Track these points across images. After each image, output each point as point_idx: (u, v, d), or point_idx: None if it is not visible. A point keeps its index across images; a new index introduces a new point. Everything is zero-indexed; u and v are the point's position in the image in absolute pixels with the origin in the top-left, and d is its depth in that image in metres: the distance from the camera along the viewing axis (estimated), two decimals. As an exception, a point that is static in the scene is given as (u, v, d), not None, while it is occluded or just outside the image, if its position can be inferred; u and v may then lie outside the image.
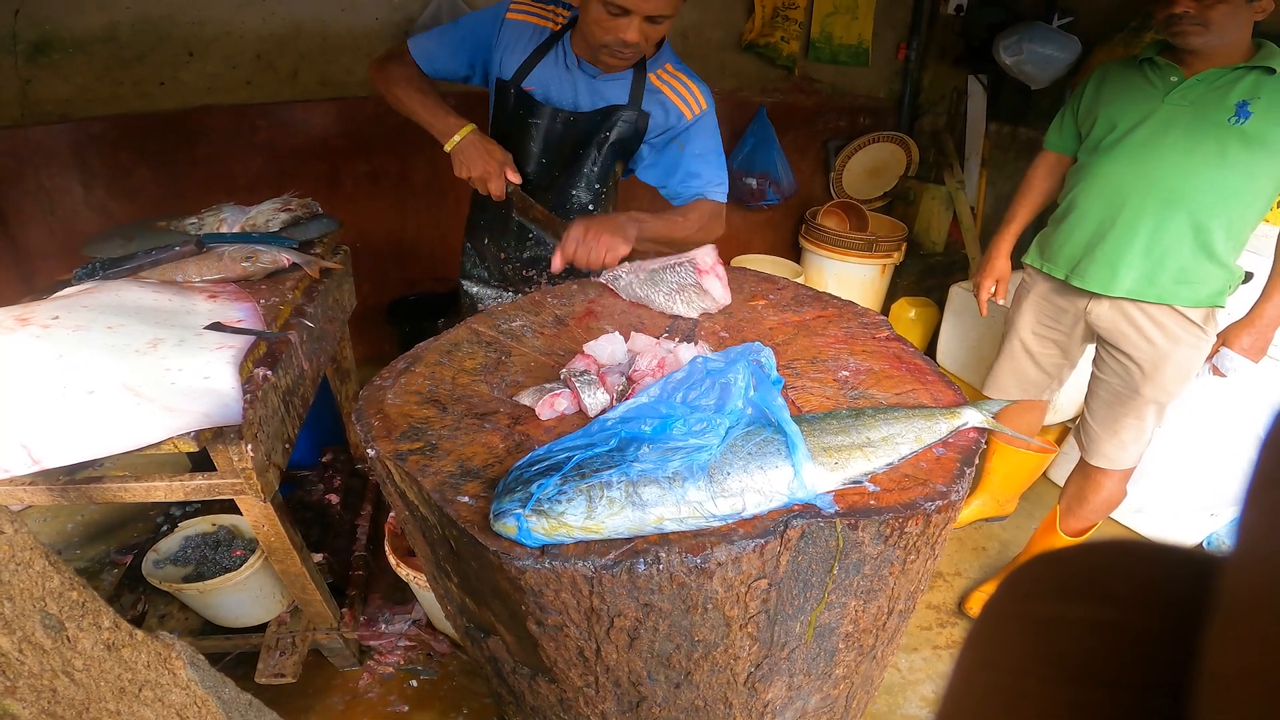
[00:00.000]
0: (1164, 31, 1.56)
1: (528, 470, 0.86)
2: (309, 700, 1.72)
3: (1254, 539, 0.17)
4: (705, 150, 1.65)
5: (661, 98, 1.60)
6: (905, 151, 3.78)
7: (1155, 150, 1.61)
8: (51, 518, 2.25)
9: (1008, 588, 0.27)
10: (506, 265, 1.84)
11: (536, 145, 1.64)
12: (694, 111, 1.62)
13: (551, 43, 1.57)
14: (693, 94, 1.61)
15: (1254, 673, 0.16)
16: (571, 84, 1.59)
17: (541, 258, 1.79)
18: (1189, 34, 1.50)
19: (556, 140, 1.63)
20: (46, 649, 0.67)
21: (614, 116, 1.59)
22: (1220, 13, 1.46)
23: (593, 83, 1.58)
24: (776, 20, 3.31)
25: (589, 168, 1.66)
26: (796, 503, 0.87)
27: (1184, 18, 1.48)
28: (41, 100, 2.35)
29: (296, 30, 2.61)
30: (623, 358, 1.15)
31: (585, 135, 1.62)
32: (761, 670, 0.98)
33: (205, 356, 1.20)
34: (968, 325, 2.86)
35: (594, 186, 1.69)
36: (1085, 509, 1.96)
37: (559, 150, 1.65)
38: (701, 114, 1.62)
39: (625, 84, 1.59)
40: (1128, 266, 1.67)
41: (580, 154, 1.64)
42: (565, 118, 1.60)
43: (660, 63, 1.60)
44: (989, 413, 1.07)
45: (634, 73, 1.58)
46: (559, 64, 1.58)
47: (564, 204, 1.70)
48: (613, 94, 1.59)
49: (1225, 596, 0.18)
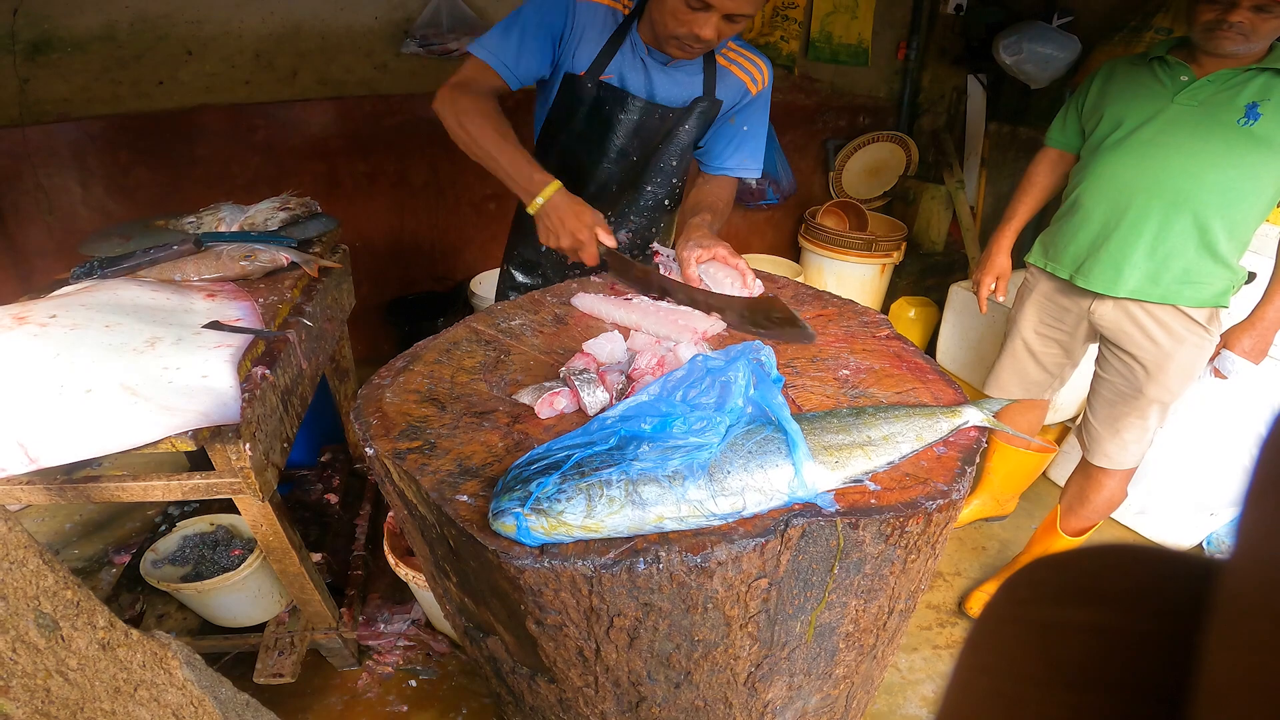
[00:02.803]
0: (1201, 34, 1.52)
1: (527, 469, 0.86)
2: (308, 700, 1.71)
3: (1254, 542, 0.17)
4: (756, 128, 1.62)
5: (730, 78, 1.55)
6: (905, 151, 3.78)
7: (1162, 149, 1.60)
8: (49, 517, 2.24)
9: (1006, 592, 0.27)
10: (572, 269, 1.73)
11: (620, 139, 1.55)
12: (758, 85, 1.58)
13: (624, 30, 1.47)
14: (757, 68, 1.57)
15: (1253, 676, 0.16)
16: (645, 74, 1.50)
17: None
18: (1230, 41, 1.48)
19: (642, 134, 1.55)
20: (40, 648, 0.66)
21: (694, 109, 1.53)
22: (1270, 26, 1.44)
23: (665, 71, 1.50)
24: (776, 19, 3.30)
25: (668, 162, 1.59)
26: (797, 501, 0.87)
27: (1234, 26, 1.45)
28: (40, 100, 2.35)
29: (295, 29, 2.60)
30: (622, 356, 1.15)
31: (670, 130, 1.55)
32: (762, 670, 0.98)
33: (203, 355, 1.20)
34: (967, 325, 2.85)
35: (671, 181, 1.63)
36: (1086, 509, 1.96)
37: (642, 145, 1.57)
38: (763, 90, 1.59)
39: (698, 72, 1.52)
40: (1132, 267, 1.67)
41: (661, 149, 1.57)
42: (661, 112, 1.51)
43: (724, 43, 1.53)
44: (990, 411, 1.06)
45: (704, 60, 1.52)
46: (633, 54, 1.48)
47: (639, 200, 1.64)
48: (689, 84, 1.53)
49: (1224, 599, 0.18)
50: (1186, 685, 0.19)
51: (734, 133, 1.60)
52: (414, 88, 2.81)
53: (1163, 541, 2.39)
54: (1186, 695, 0.19)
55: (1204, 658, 0.18)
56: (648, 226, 1.69)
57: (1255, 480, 0.18)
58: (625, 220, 1.68)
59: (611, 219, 1.65)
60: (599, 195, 1.62)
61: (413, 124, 2.82)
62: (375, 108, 2.78)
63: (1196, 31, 1.54)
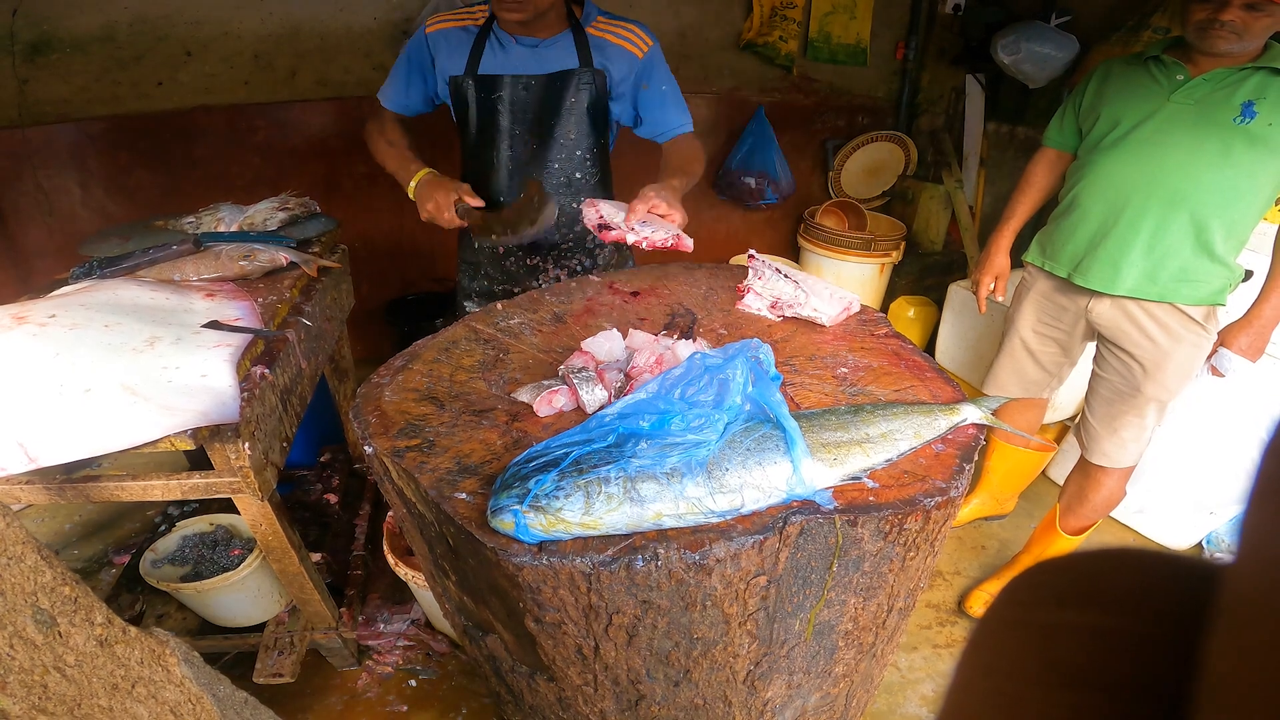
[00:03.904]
0: (1194, 33, 1.53)
1: (525, 466, 0.86)
2: (307, 700, 1.71)
3: (1256, 545, 0.17)
4: (668, 85, 1.68)
5: (607, 47, 1.63)
6: (903, 151, 3.78)
7: (1159, 148, 1.60)
8: (49, 517, 2.24)
9: (1008, 594, 0.27)
10: (507, 260, 1.82)
11: (506, 119, 1.65)
12: (642, 49, 1.65)
13: (484, 35, 1.62)
14: (634, 33, 1.65)
15: (1255, 678, 0.16)
16: (519, 59, 1.62)
17: (545, 244, 1.78)
18: (1224, 40, 1.48)
19: (522, 107, 1.64)
20: (38, 644, 0.66)
21: (571, 81, 1.61)
22: (1263, 25, 1.45)
23: (536, 51, 1.61)
24: (775, 20, 3.31)
25: (563, 136, 1.67)
26: (795, 499, 0.87)
27: (1226, 25, 1.46)
28: (39, 100, 2.35)
29: (294, 30, 2.60)
30: (621, 354, 1.15)
31: (551, 102, 1.63)
32: (761, 668, 0.98)
33: (202, 355, 1.20)
34: (966, 324, 2.85)
35: (575, 154, 1.70)
36: (1085, 507, 1.96)
37: (528, 119, 1.66)
38: (650, 49, 1.66)
39: (569, 46, 1.62)
40: (1129, 265, 1.67)
41: (551, 123, 1.65)
42: (526, 82, 1.62)
43: (591, 17, 1.64)
44: (988, 409, 1.07)
45: (572, 33, 1.62)
46: (501, 49, 1.62)
47: (547, 178, 1.70)
48: (560, 58, 1.62)
49: (1227, 602, 0.18)
50: (1186, 687, 0.20)
51: (655, 97, 1.68)
52: (413, 88, 2.81)
53: (1162, 540, 2.39)
54: (1187, 697, 0.19)
55: (1206, 660, 0.18)
56: (566, 205, 1.73)
57: (1258, 483, 0.18)
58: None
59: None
60: (509, 180, 1.70)
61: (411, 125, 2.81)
62: (373, 108, 2.78)
63: (1190, 30, 1.54)
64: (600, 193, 1.76)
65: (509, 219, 1.54)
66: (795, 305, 1.37)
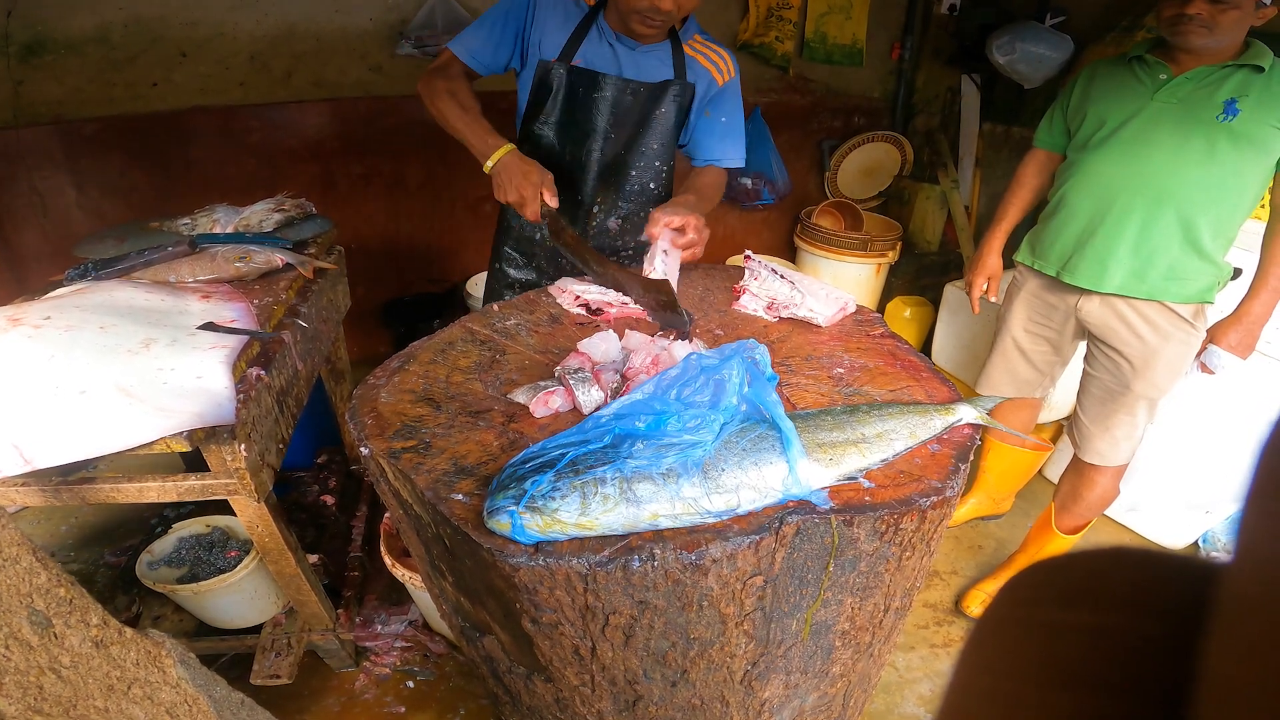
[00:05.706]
0: (1167, 30, 1.56)
1: (522, 467, 0.86)
2: (305, 702, 1.71)
3: (1255, 544, 0.17)
4: (732, 118, 1.68)
5: (697, 67, 1.63)
6: (899, 151, 3.79)
7: (1144, 147, 1.61)
8: (45, 520, 2.24)
9: (1008, 593, 0.27)
10: (562, 259, 1.76)
11: (604, 120, 1.61)
12: (725, 77, 1.65)
13: (590, 20, 1.56)
14: (723, 59, 1.65)
15: (1255, 677, 0.16)
16: (615, 60, 1.58)
17: (606, 249, 1.75)
18: (1194, 34, 1.50)
19: (618, 112, 1.61)
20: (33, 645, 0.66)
21: (668, 91, 1.60)
22: (1230, 18, 1.47)
23: (634, 56, 1.58)
24: (771, 20, 3.31)
25: (649, 145, 1.65)
26: (791, 499, 0.87)
27: (1194, 19, 1.48)
28: (34, 102, 2.34)
29: (290, 31, 2.60)
30: (617, 355, 1.15)
31: (647, 110, 1.61)
32: (758, 668, 0.98)
33: (198, 356, 1.20)
34: (962, 324, 2.86)
35: (655, 165, 1.69)
36: (1080, 506, 1.96)
37: (619, 124, 1.63)
38: (730, 80, 1.66)
39: (667, 56, 1.60)
40: (1117, 263, 1.68)
41: (641, 131, 1.63)
42: (634, 87, 1.58)
43: (690, 34, 1.63)
44: (983, 409, 1.07)
45: (671, 45, 1.59)
46: (601, 40, 1.57)
47: (626, 185, 1.69)
48: (658, 67, 1.60)
49: (1226, 601, 0.18)
50: (1186, 686, 0.20)
51: (713, 125, 1.68)
52: (409, 89, 2.79)
53: (1158, 539, 2.40)
54: (1186, 696, 0.20)
55: (1205, 659, 0.19)
56: (636, 213, 1.72)
57: (1256, 482, 0.18)
58: (614, 208, 1.73)
59: (601, 206, 1.72)
60: (586, 181, 1.67)
61: (408, 125, 2.81)
62: (370, 109, 2.78)
63: (1163, 27, 1.57)
64: (658, 199, 1.75)
65: (573, 244, 1.52)
66: (791, 306, 1.38)
